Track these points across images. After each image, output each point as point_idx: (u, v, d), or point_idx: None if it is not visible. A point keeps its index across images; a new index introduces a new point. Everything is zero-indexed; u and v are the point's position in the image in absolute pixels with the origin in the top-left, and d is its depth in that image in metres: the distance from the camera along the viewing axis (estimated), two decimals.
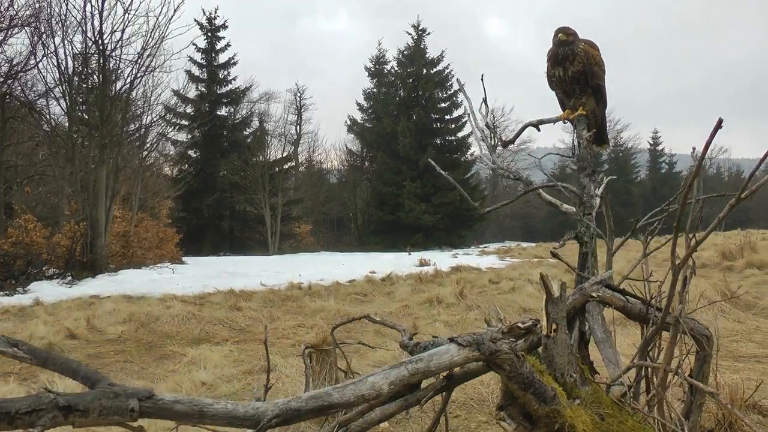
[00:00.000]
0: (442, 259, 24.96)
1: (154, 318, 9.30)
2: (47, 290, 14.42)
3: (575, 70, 3.36)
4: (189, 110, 44.38)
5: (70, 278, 16.28)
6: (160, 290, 14.36)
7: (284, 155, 48.20)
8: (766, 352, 5.57)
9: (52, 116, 19.97)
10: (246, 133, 46.54)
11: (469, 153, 51.83)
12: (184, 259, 28.00)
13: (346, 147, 56.36)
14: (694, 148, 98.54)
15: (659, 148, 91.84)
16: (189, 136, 42.89)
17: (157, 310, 9.85)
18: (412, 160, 46.90)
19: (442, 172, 3.74)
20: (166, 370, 6.50)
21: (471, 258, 27.07)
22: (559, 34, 3.39)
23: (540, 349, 2.46)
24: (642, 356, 2.65)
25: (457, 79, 4.80)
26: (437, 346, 2.55)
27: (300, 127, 62.71)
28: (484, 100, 4.61)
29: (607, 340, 3.22)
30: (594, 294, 2.52)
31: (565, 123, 3.57)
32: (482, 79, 4.94)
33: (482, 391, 4.69)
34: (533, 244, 51.76)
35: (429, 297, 10.57)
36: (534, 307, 9.24)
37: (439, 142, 50.26)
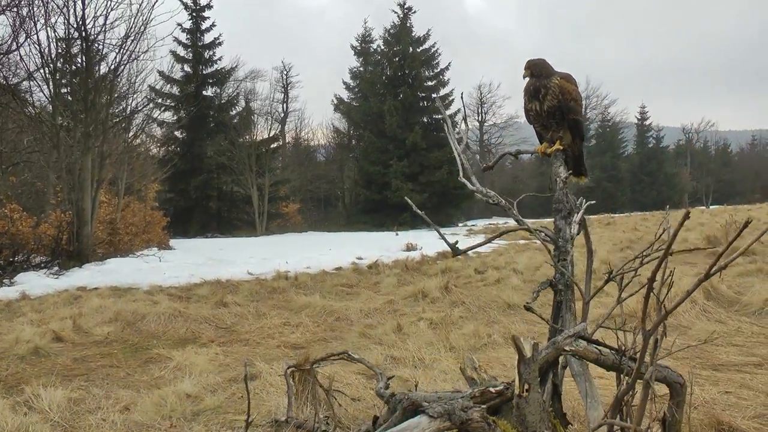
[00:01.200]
0: (428, 242, 24.99)
1: (140, 317, 9.32)
2: (34, 282, 14.39)
3: (550, 105, 3.38)
4: (175, 91, 44.11)
5: (56, 268, 16.23)
6: (147, 281, 14.38)
7: (271, 135, 48.05)
8: (746, 360, 5.62)
9: (36, 102, 19.76)
10: (232, 113, 46.40)
11: (456, 131, 51.76)
12: (172, 242, 27.95)
13: (333, 126, 56.29)
14: (683, 126, 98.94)
15: (647, 122, 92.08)
16: (175, 117, 42.68)
17: (144, 307, 9.86)
18: (399, 139, 46.87)
19: (419, 212, 3.73)
20: (151, 377, 6.53)
21: (457, 238, 27.09)
22: (529, 68, 3.42)
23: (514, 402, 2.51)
24: (615, 412, 2.69)
25: (435, 98, 4.82)
26: (411, 402, 2.61)
27: (287, 105, 62.52)
28: (464, 118, 4.65)
29: (583, 374, 3.27)
30: (567, 348, 2.56)
31: (542, 157, 3.60)
32: (462, 97, 4.98)
33: None
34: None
35: (414, 291, 10.63)
36: (518, 303, 9.31)
37: (426, 120, 50.16)
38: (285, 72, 60.65)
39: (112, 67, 18.94)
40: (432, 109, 50.24)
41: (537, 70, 3.43)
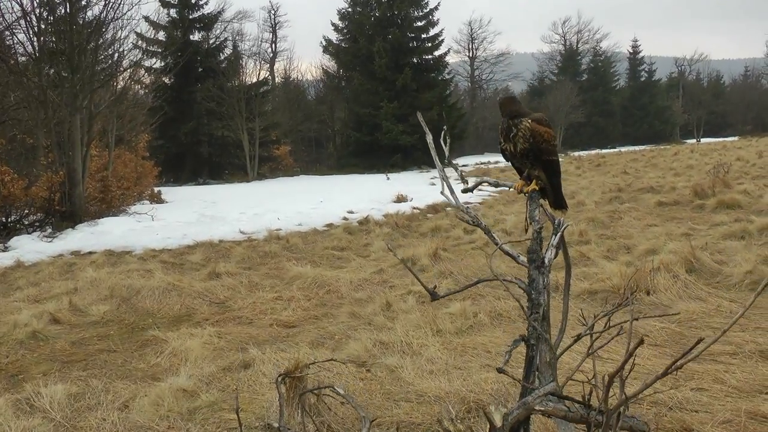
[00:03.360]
0: (419, 190, 25.19)
1: (135, 292, 9.50)
2: (27, 246, 14.56)
3: (522, 147, 3.49)
4: (161, 37, 43.61)
5: (50, 230, 16.37)
6: (140, 243, 14.59)
7: (260, 78, 47.69)
8: (721, 349, 5.80)
9: (21, 60, 19.54)
10: (221, 58, 45.97)
11: (446, 72, 51.62)
12: (164, 191, 28.07)
13: (323, 68, 55.80)
14: (676, 58, 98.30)
15: (639, 56, 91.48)
16: (162, 64, 42.29)
17: (138, 280, 10.05)
18: (389, 80, 46.63)
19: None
20: (148, 365, 6.74)
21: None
22: (500, 108, 3.51)
23: None
24: None
25: (419, 119, 4.90)
26: None
27: (275, 46, 62.07)
28: (446, 132, 4.75)
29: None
30: (537, 407, 2.73)
31: (519, 194, 3.72)
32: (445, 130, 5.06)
33: None
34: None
35: (404, 257, 10.81)
36: (504, 272, 9.48)
37: (416, 61, 49.77)
38: (273, 11, 60.02)
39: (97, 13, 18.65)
40: (421, 50, 49.84)
41: (507, 110, 3.53)
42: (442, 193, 4.35)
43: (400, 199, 21.14)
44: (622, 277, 8.01)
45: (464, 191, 4.14)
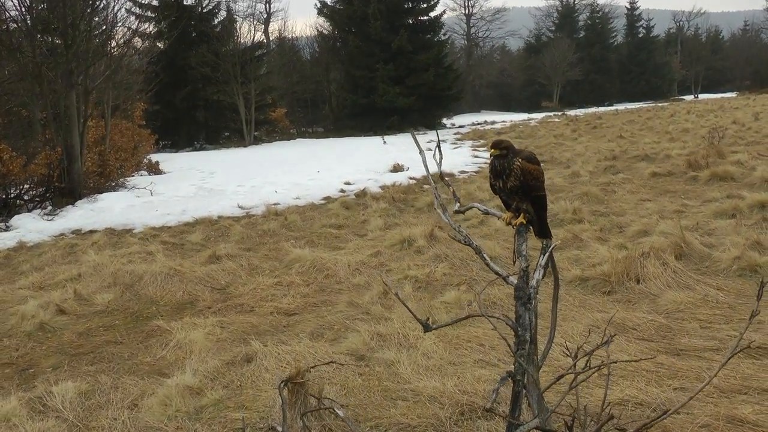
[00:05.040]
0: (415, 157, 24.97)
1: (137, 278, 9.71)
2: (29, 225, 14.75)
3: (512, 185, 3.67)
4: (155, 2, 43.30)
5: (50, 208, 16.55)
6: (140, 221, 14.82)
7: (255, 42, 47.43)
8: (705, 344, 6.01)
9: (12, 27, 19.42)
10: (215, 22, 45.66)
11: (442, 33, 51.38)
12: (161, 158, 28.14)
13: (318, 29, 55.45)
14: (674, 14, 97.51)
15: (637, 11, 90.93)
16: (155, 29, 41.99)
17: (140, 265, 10.26)
18: (385, 42, 46.46)
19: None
20: (154, 358, 6.97)
21: (445, 153, 27.15)
22: (492, 150, 3.70)
23: None
24: None
25: (411, 131, 5.05)
26: None
27: (269, 5, 61.50)
28: (438, 146, 4.92)
29: None
30: None
31: (507, 225, 3.90)
32: (437, 132, 5.22)
33: None
34: (507, 121, 52.08)
35: (400, 238, 10.99)
36: (499, 254, 9.72)
37: (411, 22, 49.57)
38: None
39: None
40: (417, 11, 49.56)
41: (500, 152, 3.71)
42: (436, 206, 4.50)
43: (397, 169, 21.29)
44: (613, 263, 8.21)
45: (456, 212, 4.32)
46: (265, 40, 55.99)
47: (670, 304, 7.14)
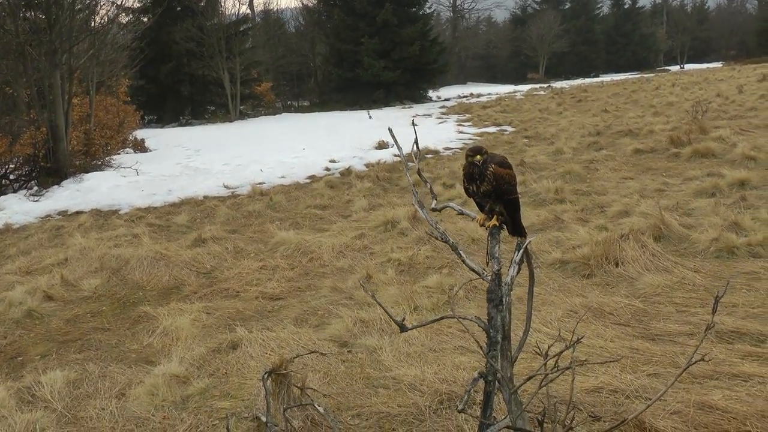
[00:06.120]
0: (400, 132, 25.15)
1: (124, 262, 9.79)
2: (15, 207, 14.79)
3: (486, 189, 3.77)
4: None
5: (36, 188, 16.56)
6: (126, 201, 14.88)
7: (240, 16, 47.07)
8: (680, 329, 6.15)
9: None
10: None
11: (427, 6, 51.19)
12: (147, 138, 27.99)
13: (302, 2, 55.10)
14: None
15: None
16: (141, 4, 41.56)
17: (127, 249, 10.34)
18: (370, 16, 46.30)
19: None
20: (141, 345, 7.08)
21: (429, 128, 27.32)
22: (468, 157, 3.79)
23: None
24: None
25: (389, 128, 5.14)
26: None
27: None
28: (416, 142, 5.02)
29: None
30: None
31: (480, 226, 4.00)
32: (413, 123, 5.31)
33: None
34: (493, 94, 52.02)
35: (384, 220, 11.11)
36: (481, 236, 9.81)
37: None
38: None
39: None
40: None
41: (476, 158, 3.81)
42: (413, 205, 4.60)
43: (382, 146, 21.34)
44: (593, 246, 8.34)
45: (432, 210, 4.40)
46: (250, 14, 55.42)
47: (648, 287, 7.28)
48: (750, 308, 6.49)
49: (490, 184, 3.73)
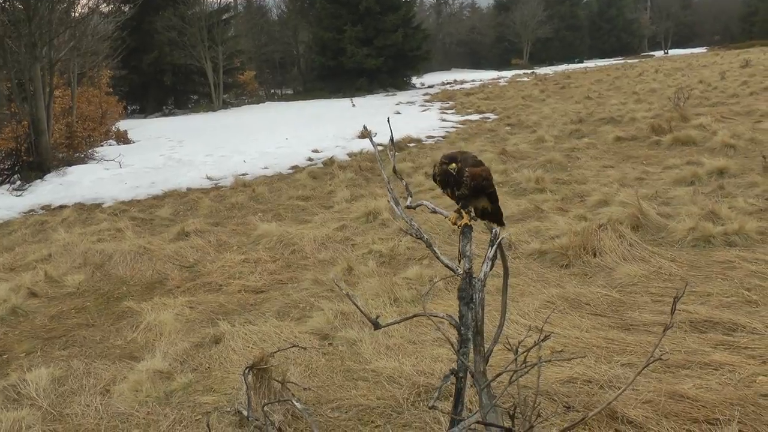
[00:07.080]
0: (384, 121, 25.32)
1: (107, 257, 9.85)
2: None
3: (461, 193, 3.84)
4: None
5: (19, 183, 16.54)
6: (109, 194, 14.90)
7: (222, 4, 46.90)
8: (654, 319, 6.25)
9: None
10: None
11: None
12: (129, 125, 27.91)
13: None
14: None
15: None
16: None
17: (110, 244, 10.40)
18: (352, 3, 46.28)
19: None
20: (125, 340, 7.15)
21: (412, 116, 27.39)
22: (444, 165, 3.81)
23: None
24: None
25: (364, 126, 5.21)
26: None
27: None
28: (391, 140, 5.11)
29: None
30: None
31: (453, 225, 4.07)
32: (388, 121, 5.39)
33: None
34: (477, 81, 52.10)
35: (366, 211, 11.20)
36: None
37: None
38: None
39: None
40: None
41: (452, 167, 3.86)
42: (388, 201, 4.67)
43: (364, 135, 21.38)
44: (572, 236, 8.46)
45: (407, 208, 4.46)
46: (232, 2, 55.20)
47: (625, 277, 7.39)
48: (724, 297, 6.61)
49: (468, 187, 3.78)
